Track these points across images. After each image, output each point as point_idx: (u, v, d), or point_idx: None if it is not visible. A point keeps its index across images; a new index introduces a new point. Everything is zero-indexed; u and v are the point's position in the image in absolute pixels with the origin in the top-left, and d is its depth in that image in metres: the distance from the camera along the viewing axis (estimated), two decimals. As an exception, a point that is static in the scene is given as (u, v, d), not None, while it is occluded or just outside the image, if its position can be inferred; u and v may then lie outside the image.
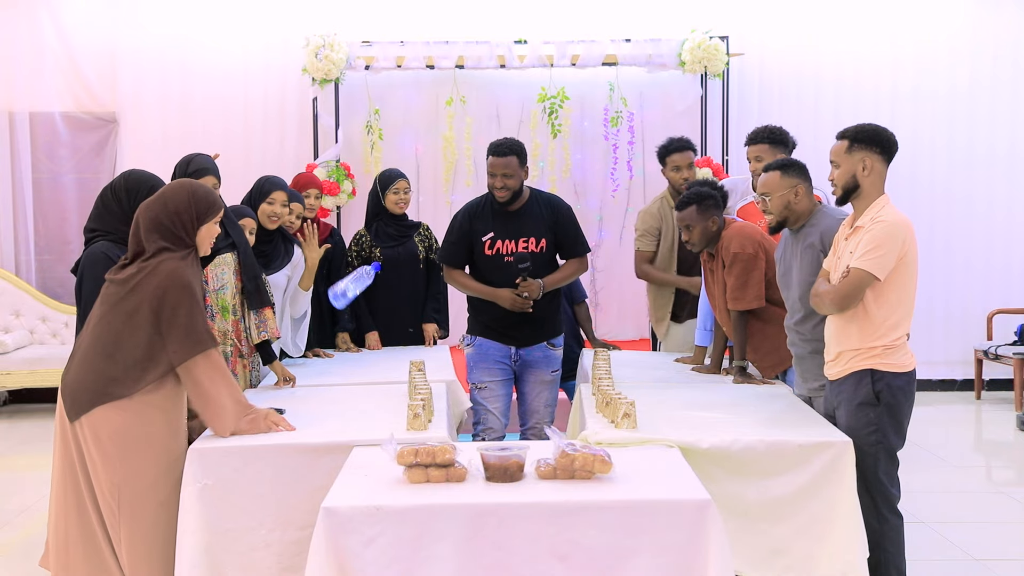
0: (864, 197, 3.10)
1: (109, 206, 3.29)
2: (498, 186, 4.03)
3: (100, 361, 2.83)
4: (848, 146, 3.12)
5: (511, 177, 4.02)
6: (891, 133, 3.16)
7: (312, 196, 4.77)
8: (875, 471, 3.02)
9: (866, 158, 3.09)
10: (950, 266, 7.41)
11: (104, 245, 3.22)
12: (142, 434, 2.84)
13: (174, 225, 2.92)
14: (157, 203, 2.95)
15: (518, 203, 4.11)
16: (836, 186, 3.15)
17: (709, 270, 3.99)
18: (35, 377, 6.82)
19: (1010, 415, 6.68)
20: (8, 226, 7.25)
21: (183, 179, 3.17)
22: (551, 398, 4.25)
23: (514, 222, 4.09)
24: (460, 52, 6.98)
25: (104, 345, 2.84)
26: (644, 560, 2.40)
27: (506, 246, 4.07)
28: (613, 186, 7.14)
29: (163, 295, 2.83)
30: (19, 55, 7.20)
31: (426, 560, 2.40)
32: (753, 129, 4.45)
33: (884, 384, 3.02)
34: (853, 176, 3.10)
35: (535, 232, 4.09)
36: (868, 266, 2.97)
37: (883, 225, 3.00)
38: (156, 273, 2.85)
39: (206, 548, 2.82)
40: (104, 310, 2.88)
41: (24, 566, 3.98)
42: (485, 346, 4.15)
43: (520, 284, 4.00)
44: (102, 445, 2.80)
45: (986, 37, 7.35)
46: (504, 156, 4.01)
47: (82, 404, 2.81)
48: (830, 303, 3.06)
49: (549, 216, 4.13)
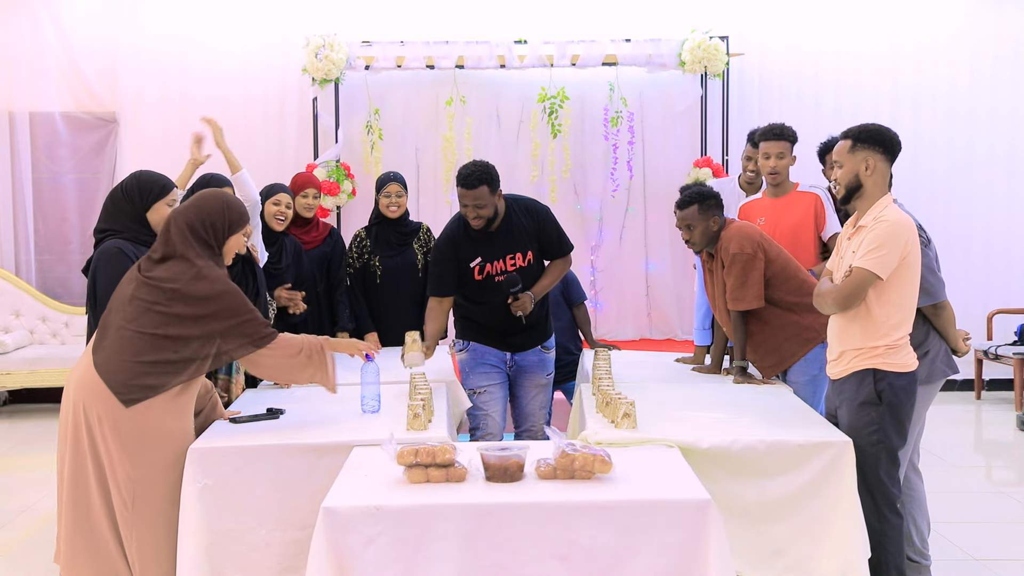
0: (867, 197, 3.10)
1: (120, 206, 3.31)
2: (471, 216, 3.88)
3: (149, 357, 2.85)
4: (851, 145, 3.11)
5: (483, 207, 3.86)
6: (894, 133, 3.16)
7: (310, 196, 4.79)
8: (876, 471, 3.01)
9: (869, 158, 3.08)
10: (950, 266, 7.33)
11: (118, 242, 3.24)
12: (160, 430, 2.88)
13: (207, 233, 2.97)
14: (191, 209, 2.99)
15: (497, 222, 3.98)
16: (839, 185, 3.14)
17: (708, 270, 3.99)
18: (35, 377, 6.82)
19: (1010, 415, 6.68)
20: (8, 226, 7.25)
21: (215, 189, 3.22)
22: (546, 400, 4.23)
23: (498, 242, 3.98)
24: (460, 52, 6.98)
25: (150, 344, 2.86)
26: (644, 560, 2.40)
27: (495, 267, 3.98)
28: (613, 186, 7.14)
29: (218, 304, 2.90)
30: (19, 55, 7.20)
31: (426, 560, 2.40)
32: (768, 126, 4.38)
33: (886, 384, 3.02)
34: (856, 176, 3.10)
35: (520, 247, 4.00)
36: (870, 265, 2.97)
37: (886, 225, 3.00)
38: (201, 280, 2.89)
39: (206, 548, 2.82)
40: (141, 308, 2.88)
41: (24, 566, 3.99)
42: (480, 350, 4.11)
43: (512, 304, 3.93)
44: (122, 440, 2.83)
45: (986, 37, 7.35)
46: (473, 188, 3.81)
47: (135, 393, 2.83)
48: (832, 302, 3.05)
49: (531, 225, 4.03)
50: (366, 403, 3.35)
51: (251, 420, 3.21)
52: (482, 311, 4.07)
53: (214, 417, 3.24)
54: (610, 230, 7.33)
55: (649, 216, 7.29)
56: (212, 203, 3.01)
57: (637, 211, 7.29)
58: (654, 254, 7.34)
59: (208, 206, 3.00)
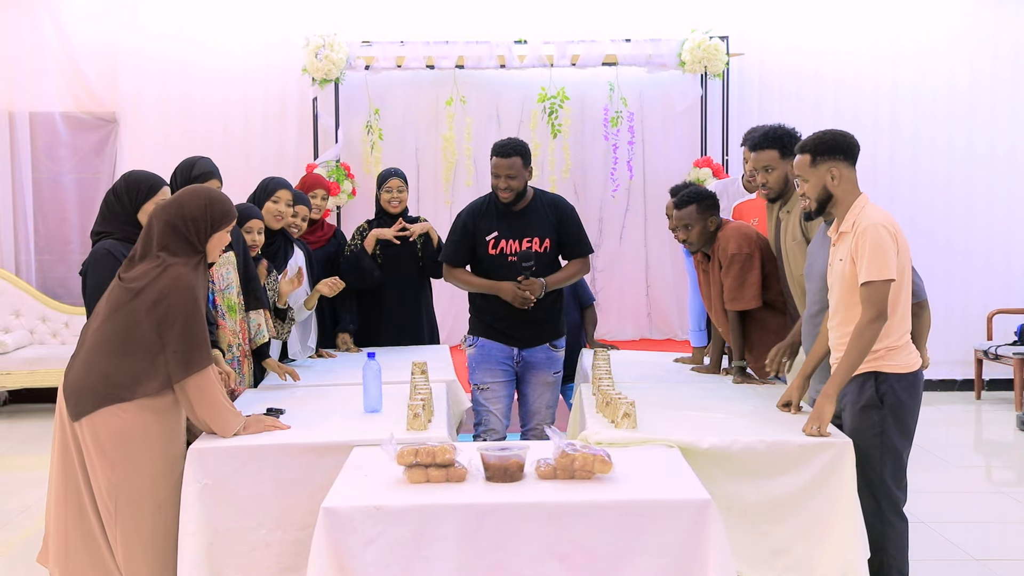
0: (840, 204, 3.09)
1: (112, 208, 3.30)
2: (502, 187, 4.04)
3: (104, 363, 2.82)
4: (812, 160, 3.09)
5: (515, 178, 4.02)
6: (851, 136, 3.13)
7: (319, 197, 4.80)
8: (880, 474, 3.00)
9: (832, 167, 3.07)
10: (950, 266, 7.41)
11: (108, 243, 3.23)
12: (141, 436, 2.83)
13: (188, 231, 2.91)
14: (172, 207, 2.95)
15: (522, 203, 4.12)
16: (809, 199, 3.13)
17: (703, 271, 3.99)
18: (35, 377, 6.82)
19: (1010, 415, 6.68)
20: (8, 226, 7.26)
21: (199, 185, 3.17)
22: (552, 399, 4.25)
23: (518, 222, 4.10)
24: (460, 52, 6.99)
25: (109, 347, 2.83)
26: (644, 560, 2.40)
27: (510, 246, 4.08)
28: (613, 186, 7.14)
29: (167, 308, 2.81)
30: (19, 55, 7.20)
31: (426, 560, 2.40)
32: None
33: (888, 386, 3.00)
34: (824, 187, 3.09)
35: (539, 232, 4.09)
36: (883, 274, 2.93)
37: (870, 229, 2.96)
38: (161, 280, 2.83)
39: (206, 548, 2.82)
40: (109, 311, 2.87)
41: (24, 566, 3.99)
42: (487, 347, 4.15)
43: (522, 281, 4.00)
44: (101, 446, 2.80)
45: (986, 37, 7.35)
46: (508, 157, 4.01)
47: (85, 405, 2.81)
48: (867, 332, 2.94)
49: (553, 216, 4.13)
50: (368, 402, 3.35)
51: (251, 420, 3.20)
52: (492, 302, 4.10)
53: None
54: (610, 230, 7.33)
55: (649, 216, 7.29)
56: (194, 200, 2.95)
57: (637, 211, 7.29)
58: (654, 254, 7.34)
59: (190, 203, 2.94)
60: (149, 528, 2.84)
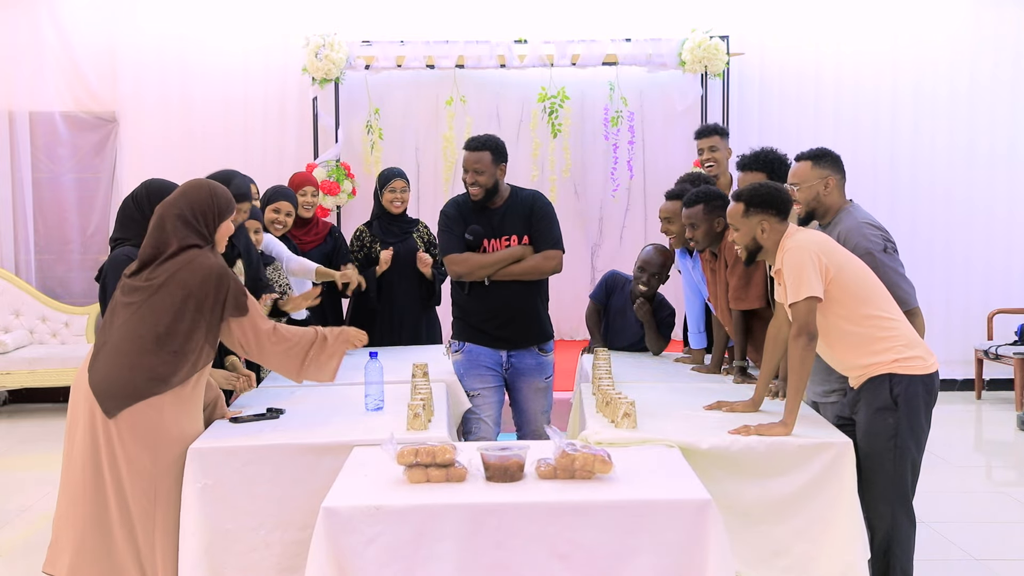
0: (769, 253, 3.17)
1: (131, 215, 3.33)
2: (469, 182, 4.01)
3: (137, 358, 2.86)
4: (744, 210, 3.16)
5: (482, 173, 3.98)
6: (785, 192, 3.20)
7: (308, 194, 4.82)
8: (892, 476, 2.99)
9: (763, 221, 3.13)
10: (950, 266, 7.41)
11: (127, 250, 3.26)
12: (174, 423, 2.89)
13: (198, 222, 2.99)
14: (181, 201, 3.01)
15: (499, 201, 4.08)
16: (740, 247, 3.21)
17: (711, 270, 3.99)
18: (35, 377, 6.82)
19: (1010, 415, 6.69)
20: (8, 226, 7.26)
21: (197, 179, 3.22)
22: (547, 404, 4.22)
23: (497, 220, 4.06)
24: (460, 52, 6.98)
25: (140, 343, 2.87)
26: (644, 560, 2.40)
27: (491, 244, 4.06)
28: (613, 186, 7.14)
29: (213, 285, 2.91)
30: (19, 55, 7.20)
31: (426, 560, 2.40)
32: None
33: (902, 388, 2.99)
34: (754, 239, 3.16)
35: (515, 230, 4.06)
36: (800, 294, 2.97)
37: (789, 254, 3.04)
38: (195, 266, 2.91)
39: (206, 548, 2.82)
40: (134, 308, 2.90)
41: (24, 566, 3.99)
42: (475, 352, 4.10)
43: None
44: (140, 438, 2.83)
45: (986, 37, 7.35)
46: (476, 151, 3.98)
47: (122, 400, 2.84)
48: (797, 341, 2.99)
49: (525, 211, 4.09)
50: (370, 401, 3.35)
51: (251, 420, 3.21)
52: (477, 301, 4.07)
53: (215, 417, 3.24)
54: (610, 230, 7.33)
55: (649, 216, 7.29)
56: (199, 192, 3.04)
57: (637, 211, 7.29)
58: (654, 254, 7.33)
59: (196, 195, 3.02)
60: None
